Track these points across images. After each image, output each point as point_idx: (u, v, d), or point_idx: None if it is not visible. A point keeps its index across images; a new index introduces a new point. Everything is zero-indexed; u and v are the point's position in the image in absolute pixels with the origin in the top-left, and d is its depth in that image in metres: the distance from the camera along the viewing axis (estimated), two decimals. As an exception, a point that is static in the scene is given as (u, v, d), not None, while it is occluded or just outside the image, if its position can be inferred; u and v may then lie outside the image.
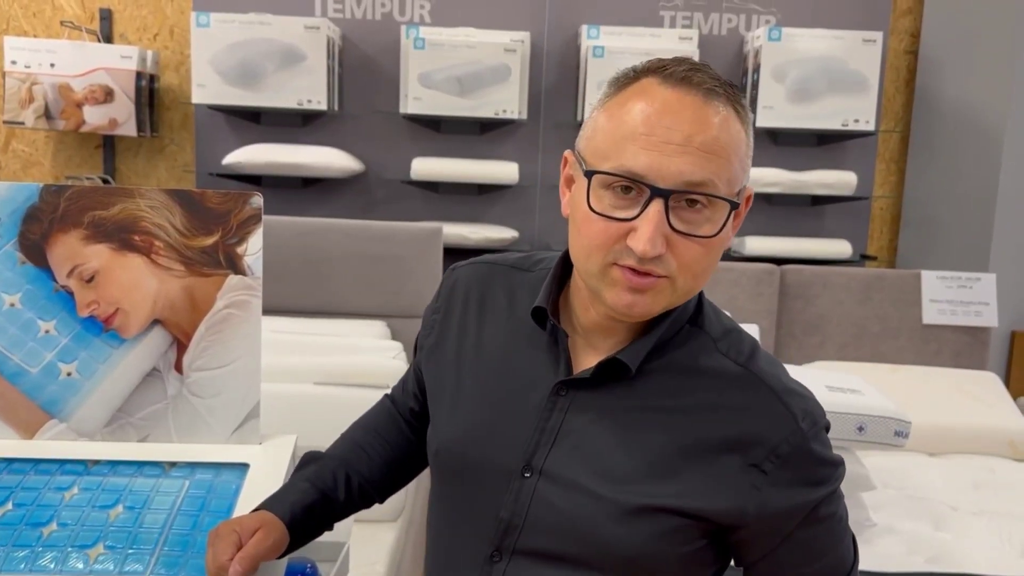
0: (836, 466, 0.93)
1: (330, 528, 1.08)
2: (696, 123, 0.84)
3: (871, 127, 3.09)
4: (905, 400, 2.46)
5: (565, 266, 0.99)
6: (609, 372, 0.93)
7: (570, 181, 0.95)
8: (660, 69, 0.87)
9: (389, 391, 1.22)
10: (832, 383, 2.05)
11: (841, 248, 3.20)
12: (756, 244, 3.16)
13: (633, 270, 0.85)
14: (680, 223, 0.84)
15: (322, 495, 1.05)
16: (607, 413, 0.93)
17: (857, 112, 3.07)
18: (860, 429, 1.93)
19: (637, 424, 0.92)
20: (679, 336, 0.94)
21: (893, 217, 3.52)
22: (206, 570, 0.92)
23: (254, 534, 0.94)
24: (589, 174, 0.87)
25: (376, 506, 1.15)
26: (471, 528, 0.96)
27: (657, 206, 0.83)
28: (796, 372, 2.21)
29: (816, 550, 0.93)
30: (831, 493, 0.92)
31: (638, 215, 0.84)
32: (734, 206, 0.87)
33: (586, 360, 0.95)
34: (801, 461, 0.89)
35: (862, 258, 3.34)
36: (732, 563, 0.98)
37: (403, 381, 1.19)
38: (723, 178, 0.85)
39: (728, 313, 1.03)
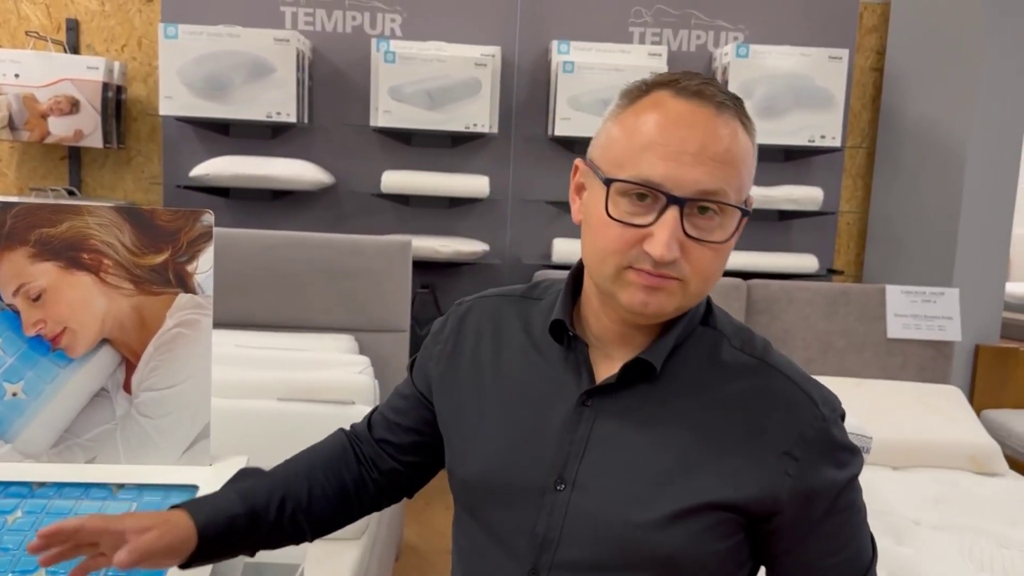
0: (855, 453, 0.96)
1: (251, 554, 1.05)
2: (709, 134, 0.87)
3: (837, 143, 3.12)
4: (869, 414, 2.48)
5: (576, 281, 1.02)
6: (632, 376, 0.94)
7: (580, 189, 0.97)
8: (673, 83, 0.91)
9: (347, 427, 1.18)
10: (795, 399, 2.05)
11: (808, 262, 3.23)
12: (724, 258, 3.17)
13: (648, 273, 0.88)
14: (693, 229, 0.87)
15: (250, 511, 1.01)
16: (634, 418, 0.94)
17: (824, 128, 3.10)
18: (822, 445, 1.94)
19: (664, 425, 0.93)
20: (693, 336, 0.97)
21: (860, 232, 3.56)
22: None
23: (145, 533, 0.91)
24: (608, 182, 0.90)
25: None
26: (505, 550, 0.96)
27: (673, 213, 0.86)
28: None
29: (839, 541, 0.94)
30: (852, 479, 0.94)
31: (654, 221, 0.87)
32: (745, 213, 0.91)
33: (604, 370, 0.97)
34: (825, 445, 0.92)
35: (829, 272, 3.37)
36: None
37: (385, 413, 1.15)
38: (733, 187, 0.89)
39: None
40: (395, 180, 3.11)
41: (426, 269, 3.12)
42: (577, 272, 1.02)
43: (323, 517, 1.10)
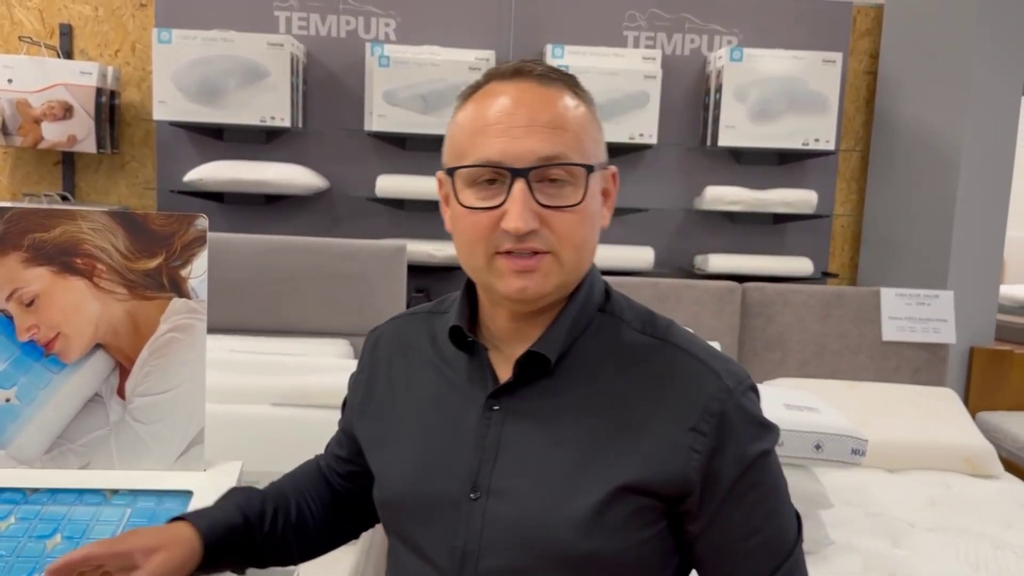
0: (768, 427, 0.94)
1: (241, 571, 1.05)
2: (536, 105, 0.90)
3: (831, 146, 3.13)
4: (864, 416, 2.49)
5: (473, 286, 1.02)
6: (532, 372, 0.94)
7: (447, 199, 0.98)
8: (494, 72, 0.95)
9: (315, 456, 1.21)
10: (790, 401, 2.06)
11: (803, 265, 3.24)
12: (718, 262, 3.18)
13: (513, 253, 0.89)
14: (545, 198, 0.89)
15: (246, 521, 1.02)
16: (541, 416, 0.93)
17: (817, 131, 3.11)
18: (817, 447, 1.94)
19: (570, 417, 0.92)
20: (592, 325, 0.97)
21: (854, 235, 3.56)
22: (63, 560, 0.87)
23: (153, 554, 0.91)
24: (450, 171, 0.93)
25: None
26: (431, 566, 0.95)
27: (520, 185, 0.88)
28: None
29: (755, 521, 0.92)
30: (765, 454, 0.92)
31: (505, 200, 0.88)
32: (589, 169, 0.91)
33: (507, 372, 0.96)
34: (733, 417, 0.90)
35: (824, 275, 3.37)
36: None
37: (332, 445, 1.18)
38: (574, 149, 0.90)
39: (691, 329, 1.04)
40: (390, 184, 3.11)
41: (421, 273, 3.11)
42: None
43: (307, 536, 1.10)
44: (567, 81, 0.94)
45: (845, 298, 3.00)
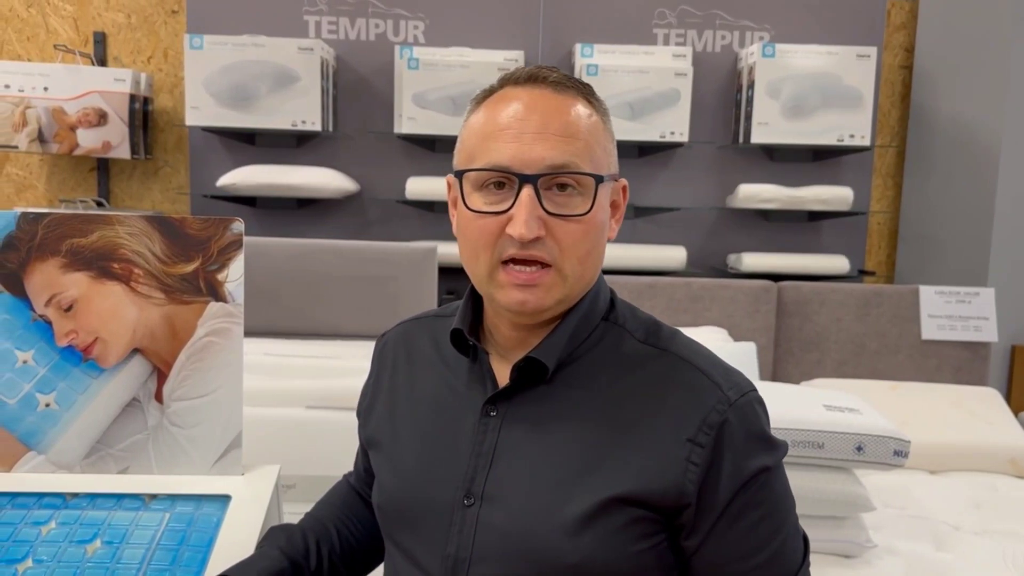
0: (772, 443, 0.91)
1: None
2: (549, 112, 0.89)
3: (867, 142, 3.08)
4: (905, 417, 2.44)
5: (477, 291, 1.00)
6: (531, 378, 0.93)
7: (455, 202, 0.96)
8: (509, 77, 0.94)
9: (343, 476, 1.21)
10: (830, 402, 2.02)
11: (839, 264, 3.18)
12: (753, 261, 3.14)
13: (517, 262, 0.88)
14: (553, 206, 0.88)
15: (293, 563, 1.02)
16: (538, 422, 0.92)
17: (852, 127, 3.06)
18: (859, 449, 1.90)
19: (566, 426, 0.91)
20: (594, 333, 0.96)
21: (891, 232, 3.50)
22: None
23: None
24: (459, 174, 0.92)
25: None
26: (422, 574, 0.93)
27: (528, 191, 0.87)
28: (793, 390, 2.19)
29: (758, 540, 0.89)
30: (767, 470, 0.89)
31: (512, 205, 0.88)
32: (599, 179, 0.90)
33: (508, 377, 0.95)
34: (734, 429, 0.88)
35: (860, 273, 3.32)
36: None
37: (357, 459, 1.18)
38: (584, 158, 0.89)
39: (725, 330, 1.03)
40: (420, 187, 3.10)
41: (452, 275, 3.10)
42: None
43: (355, 559, 1.10)
44: (582, 89, 0.93)
45: (883, 296, 2.94)
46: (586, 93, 0.93)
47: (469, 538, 0.90)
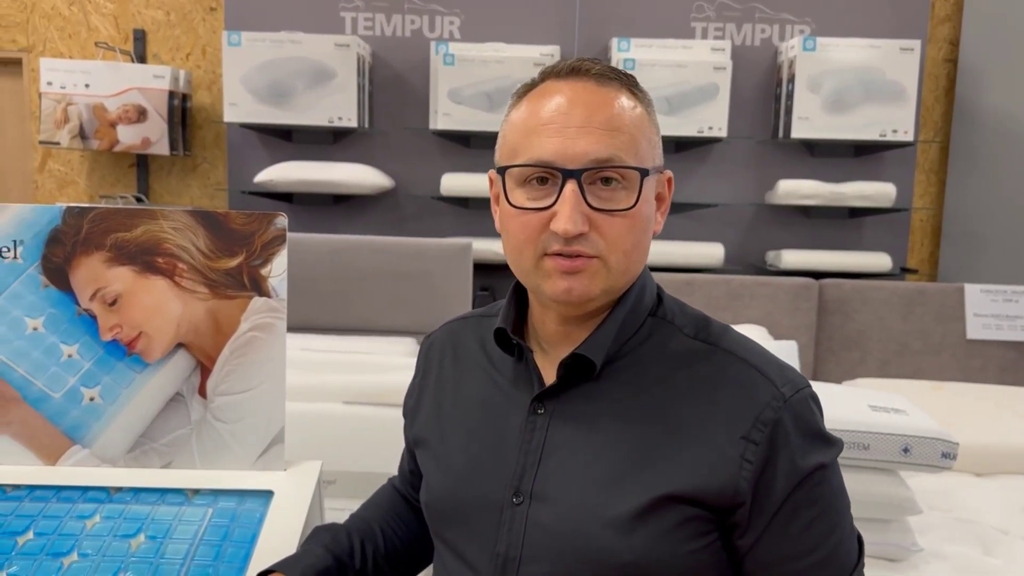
0: (828, 440, 0.90)
1: None
2: (593, 105, 0.87)
3: (910, 137, 3.01)
4: (949, 418, 2.38)
5: (521, 289, 0.99)
6: (578, 375, 0.91)
7: (497, 198, 0.95)
8: (550, 70, 0.92)
9: (388, 479, 1.21)
10: (875, 402, 1.98)
11: (881, 261, 3.12)
12: (793, 258, 3.09)
13: (562, 255, 0.86)
14: (597, 201, 0.86)
15: (338, 560, 1.02)
16: (587, 420, 0.91)
17: (895, 122, 3.00)
18: (905, 451, 1.86)
19: (618, 422, 0.89)
20: (642, 329, 0.94)
21: (934, 229, 3.43)
22: None
23: None
24: (502, 171, 0.90)
25: None
26: (472, 572, 0.93)
27: (572, 186, 0.85)
28: (837, 390, 2.15)
29: (812, 539, 0.87)
30: (822, 467, 0.87)
31: (556, 201, 0.86)
32: (643, 172, 0.88)
33: (555, 375, 0.93)
34: (788, 426, 0.86)
35: (902, 271, 3.25)
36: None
37: (402, 461, 1.18)
38: (630, 153, 0.87)
39: (765, 328, 1.00)
40: (455, 183, 3.10)
41: (486, 271, 3.09)
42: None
43: (400, 560, 1.10)
44: (625, 81, 0.91)
45: (927, 295, 2.88)
46: (629, 84, 0.92)
47: (519, 536, 0.89)
